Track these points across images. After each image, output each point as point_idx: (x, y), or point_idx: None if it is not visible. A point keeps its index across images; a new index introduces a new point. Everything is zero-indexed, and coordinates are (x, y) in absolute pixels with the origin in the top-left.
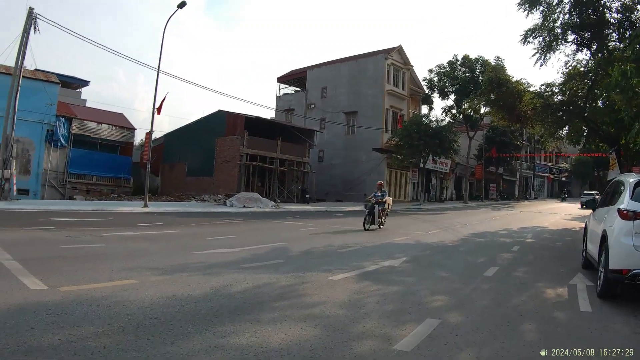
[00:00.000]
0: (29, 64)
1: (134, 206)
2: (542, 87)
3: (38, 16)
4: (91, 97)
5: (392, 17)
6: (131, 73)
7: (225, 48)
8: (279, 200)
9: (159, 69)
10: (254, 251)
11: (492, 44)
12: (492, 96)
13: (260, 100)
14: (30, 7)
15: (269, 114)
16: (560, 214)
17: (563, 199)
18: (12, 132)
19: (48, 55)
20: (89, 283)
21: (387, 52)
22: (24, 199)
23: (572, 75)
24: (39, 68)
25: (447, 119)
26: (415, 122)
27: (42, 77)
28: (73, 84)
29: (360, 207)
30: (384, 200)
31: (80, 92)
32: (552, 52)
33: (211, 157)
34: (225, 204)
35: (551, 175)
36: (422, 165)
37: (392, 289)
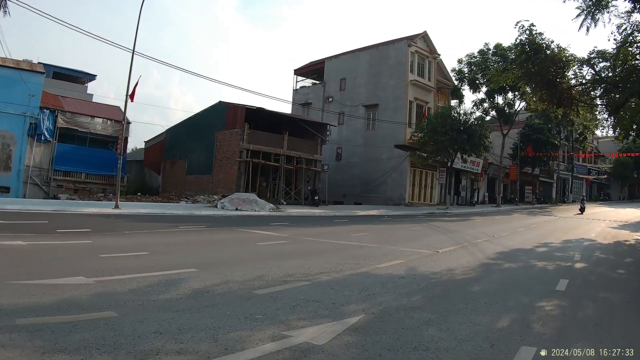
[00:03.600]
0: (4, 52)
1: (105, 207)
2: (592, 55)
3: None
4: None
5: (419, 6)
6: (165, 73)
7: (252, 43)
8: (284, 202)
9: (133, 50)
10: (116, 285)
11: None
12: (525, 68)
13: (281, 95)
14: None
15: (286, 108)
16: (605, 220)
17: (582, 209)
18: None
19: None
20: None
21: (411, 38)
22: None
23: (629, 42)
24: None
25: (478, 112)
26: (440, 115)
27: (25, 67)
28: (80, 78)
29: (376, 211)
30: None
31: (87, 87)
32: (601, 13)
33: (211, 154)
34: (216, 207)
35: (590, 177)
36: (449, 164)
37: None
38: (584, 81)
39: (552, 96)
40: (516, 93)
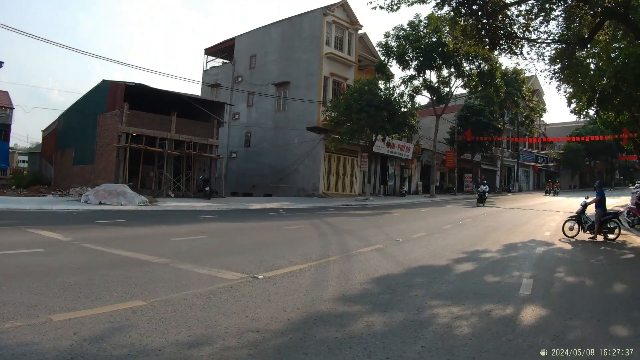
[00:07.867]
0: None
1: None
2: None
3: None
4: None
5: None
6: (110, 70)
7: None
8: (172, 195)
9: None
10: None
11: None
12: None
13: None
14: None
15: (196, 90)
16: (559, 212)
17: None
18: None
19: None
20: None
21: (327, 7)
22: None
23: None
24: None
25: (406, 90)
26: (357, 90)
27: None
28: None
29: (276, 204)
30: None
31: None
32: None
33: (94, 141)
34: (79, 200)
35: (537, 165)
36: (369, 147)
37: None
38: None
39: (481, 27)
40: (452, 70)
